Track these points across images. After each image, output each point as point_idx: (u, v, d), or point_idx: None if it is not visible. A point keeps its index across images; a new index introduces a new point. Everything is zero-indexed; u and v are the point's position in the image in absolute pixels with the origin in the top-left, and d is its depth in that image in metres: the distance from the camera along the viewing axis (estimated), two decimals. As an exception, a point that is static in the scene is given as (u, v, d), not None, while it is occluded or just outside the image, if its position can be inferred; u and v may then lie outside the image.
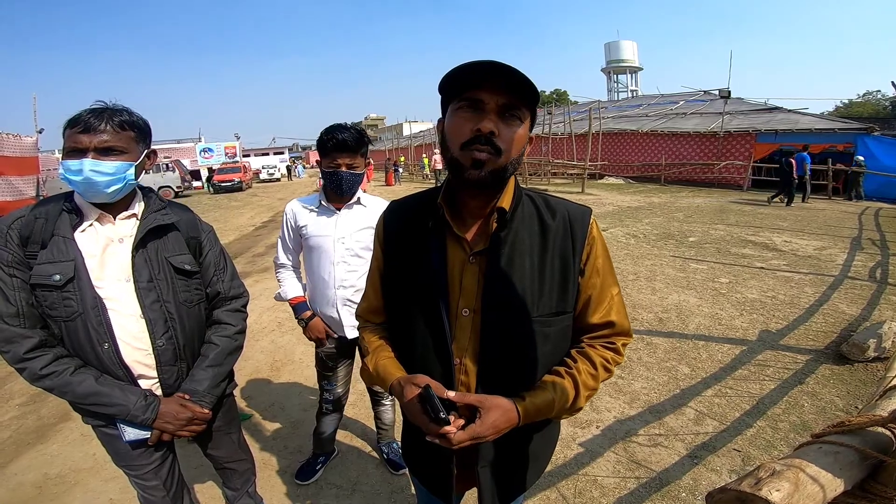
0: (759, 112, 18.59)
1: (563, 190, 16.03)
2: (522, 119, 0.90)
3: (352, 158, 1.88)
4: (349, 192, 1.95)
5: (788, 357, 3.52)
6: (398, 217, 1.08)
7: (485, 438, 0.88)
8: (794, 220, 9.41)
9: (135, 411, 1.30)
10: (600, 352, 0.99)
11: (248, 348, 4.14)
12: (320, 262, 2.00)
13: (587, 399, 0.98)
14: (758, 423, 2.70)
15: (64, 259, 1.24)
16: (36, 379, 1.23)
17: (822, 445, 0.62)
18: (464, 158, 0.88)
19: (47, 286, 1.22)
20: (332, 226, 1.98)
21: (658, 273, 5.79)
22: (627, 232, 8.38)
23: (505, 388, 0.93)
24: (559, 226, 0.98)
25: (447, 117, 0.93)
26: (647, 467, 2.36)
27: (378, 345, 1.09)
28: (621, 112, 25.33)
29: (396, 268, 1.05)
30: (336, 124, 1.89)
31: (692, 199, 13.12)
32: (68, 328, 1.27)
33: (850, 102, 47.18)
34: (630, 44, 65.13)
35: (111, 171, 1.24)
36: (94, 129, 1.23)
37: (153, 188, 1.53)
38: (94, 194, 1.26)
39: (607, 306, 1.00)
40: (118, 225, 1.34)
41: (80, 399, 1.27)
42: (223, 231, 11.40)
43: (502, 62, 0.84)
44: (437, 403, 0.84)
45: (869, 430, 0.67)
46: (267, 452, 2.64)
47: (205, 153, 34.30)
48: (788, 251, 6.74)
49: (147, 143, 1.38)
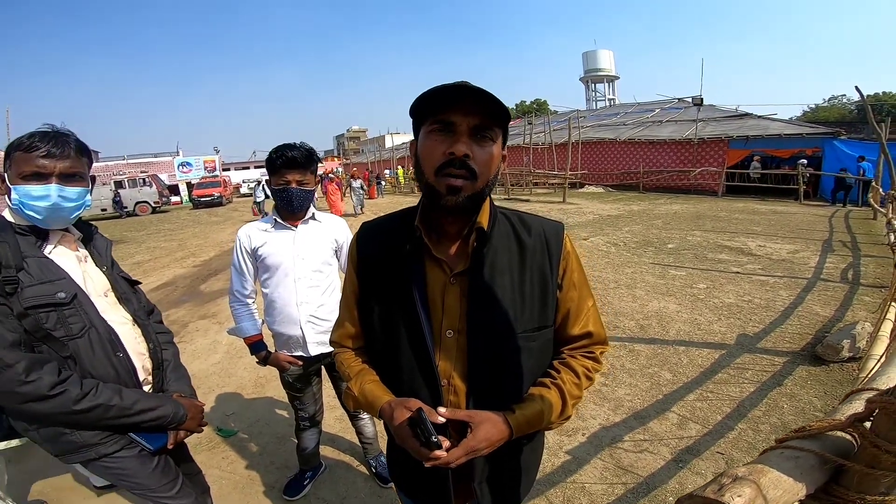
0: (731, 119, 19.14)
1: (544, 200, 16.25)
2: (495, 139, 0.91)
3: (302, 175, 1.91)
4: (300, 208, 1.96)
5: (766, 360, 3.62)
6: (372, 240, 1.07)
7: (480, 452, 0.89)
8: (766, 224, 9.70)
9: (175, 410, 1.36)
10: (581, 361, 1.03)
11: (231, 365, 4.14)
12: (281, 281, 1.99)
13: (574, 407, 1.01)
14: (739, 425, 2.77)
15: (55, 278, 1.23)
16: (77, 401, 1.17)
17: (784, 451, 0.65)
18: (439, 185, 0.88)
19: (51, 305, 1.20)
20: (291, 242, 1.99)
21: (638, 280, 5.90)
22: (608, 240, 8.52)
23: (495, 404, 0.95)
24: (535, 243, 1.00)
25: (420, 140, 0.93)
26: (633, 473, 2.40)
27: (360, 369, 1.07)
28: (600, 121, 25.81)
29: (375, 292, 1.03)
30: (286, 143, 1.92)
31: (670, 206, 13.41)
32: (76, 346, 1.24)
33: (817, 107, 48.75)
34: (607, 53, 66.33)
35: (75, 197, 1.25)
36: (58, 155, 1.22)
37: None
38: (56, 220, 1.25)
39: (585, 318, 1.04)
40: (76, 245, 1.37)
41: (124, 412, 1.25)
42: (203, 247, 11.23)
43: (472, 84, 0.86)
44: (430, 427, 0.84)
45: (830, 434, 0.72)
46: (253, 469, 2.62)
47: (183, 167, 33.83)
48: (763, 255, 6.93)
49: (91, 167, 1.38)
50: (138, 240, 13.61)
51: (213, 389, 3.67)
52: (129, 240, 13.73)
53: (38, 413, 1.18)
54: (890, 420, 0.62)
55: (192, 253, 10.50)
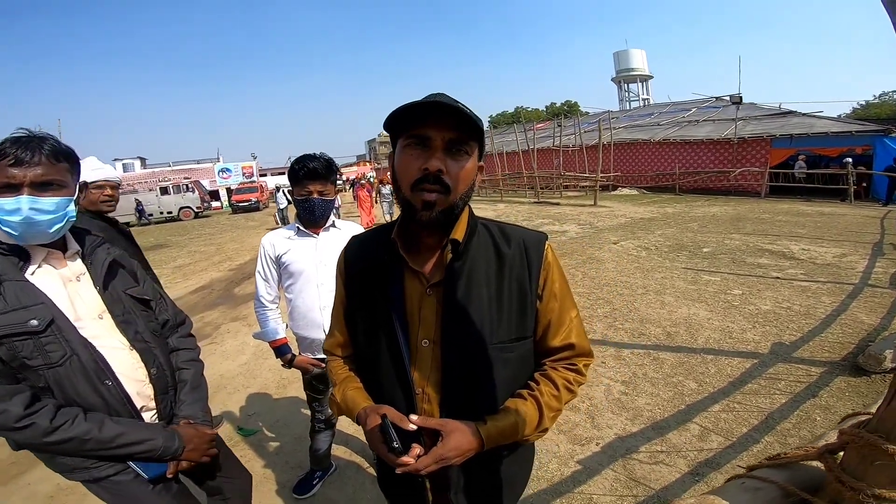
0: (773, 117, 18.30)
1: (575, 202, 15.96)
2: (470, 153, 0.92)
3: (323, 185, 1.99)
4: (322, 217, 2.04)
5: (802, 370, 3.43)
6: (358, 252, 1.11)
7: (450, 461, 0.89)
8: (812, 226, 9.18)
9: (165, 443, 1.24)
10: (562, 373, 1.01)
11: (256, 366, 4.25)
12: (304, 286, 2.06)
13: (552, 420, 0.99)
14: (766, 438, 2.63)
15: (32, 303, 1.12)
16: (47, 434, 1.08)
17: (746, 481, 0.62)
18: (414, 200, 0.90)
19: (22, 334, 1.09)
20: (313, 249, 2.06)
21: (668, 286, 5.71)
22: (639, 244, 8.28)
23: (468, 414, 0.95)
24: (515, 253, 1.00)
25: (396, 154, 0.95)
26: (645, 485, 2.32)
27: (345, 376, 1.10)
28: (633, 122, 25.18)
29: (358, 302, 1.06)
30: (306, 154, 1.99)
31: (707, 209, 12.90)
32: (57, 375, 1.14)
33: (868, 104, 45.94)
34: (639, 52, 64.76)
35: (52, 209, 1.12)
36: (28, 161, 1.08)
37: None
38: (34, 235, 1.13)
39: (567, 329, 1.03)
40: (69, 263, 1.25)
41: (103, 445, 1.15)
42: (239, 251, 11.63)
43: (447, 99, 0.88)
44: (392, 433, 0.85)
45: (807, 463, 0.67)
46: (269, 468, 2.70)
47: (223, 173, 35.28)
48: (806, 259, 6.57)
49: (78, 174, 1.24)
50: (181, 244, 14.24)
51: (238, 389, 3.80)
52: (171, 244, 14.39)
53: (15, 441, 1.13)
54: (858, 455, 0.57)
55: (228, 257, 10.90)
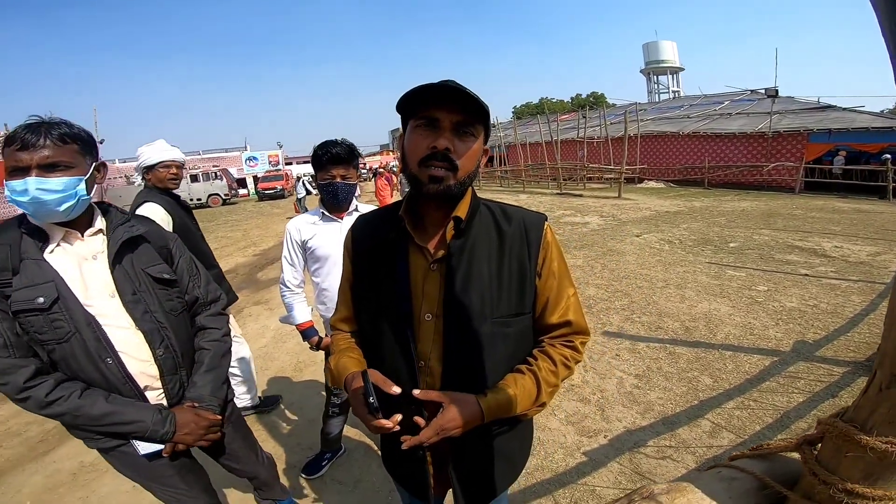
0: (811, 111, 17.56)
1: (598, 195, 15.68)
2: (476, 135, 0.96)
3: (346, 170, 2.01)
4: (345, 201, 2.07)
5: (823, 369, 3.32)
6: (365, 230, 1.14)
7: (450, 432, 0.93)
8: (847, 223, 8.81)
9: (154, 427, 1.28)
10: (560, 350, 1.05)
11: (274, 349, 4.36)
12: (331, 270, 2.10)
13: (550, 395, 1.03)
14: (779, 436, 2.57)
15: (41, 281, 1.19)
16: (43, 406, 1.19)
17: (723, 470, 0.61)
18: (422, 174, 0.94)
19: (31, 310, 1.17)
20: (338, 233, 2.10)
21: (689, 280, 5.58)
22: (662, 237, 8.10)
23: (468, 387, 0.98)
24: (515, 232, 1.04)
25: (406, 134, 0.99)
26: (650, 479, 2.30)
27: (345, 346, 1.14)
28: (661, 114, 24.51)
29: (364, 279, 1.10)
30: (329, 140, 2.02)
31: (737, 203, 12.51)
32: (63, 350, 1.22)
33: (911, 99, 43.44)
34: (670, 44, 62.61)
35: (59, 188, 1.17)
36: (33, 144, 1.15)
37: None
38: (46, 214, 1.20)
39: (564, 306, 1.06)
40: (87, 242, 1.30)
41: (94, 421, 1.23)
42: (264, 237, 11.87)
43: (456, 84, 0.91)
44: (370, 389, 0.88)
45: (784, 454, 0.66)
46: (281, 448, 2.78)
47: (250, 161, 35.95)
48: (838, 257, 6.33)
49: (94, 155, 1.29)
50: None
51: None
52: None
53: (35, 409, 1.21)
54: (834, 446, 0.56)
55: (253, 242, 11.14)
